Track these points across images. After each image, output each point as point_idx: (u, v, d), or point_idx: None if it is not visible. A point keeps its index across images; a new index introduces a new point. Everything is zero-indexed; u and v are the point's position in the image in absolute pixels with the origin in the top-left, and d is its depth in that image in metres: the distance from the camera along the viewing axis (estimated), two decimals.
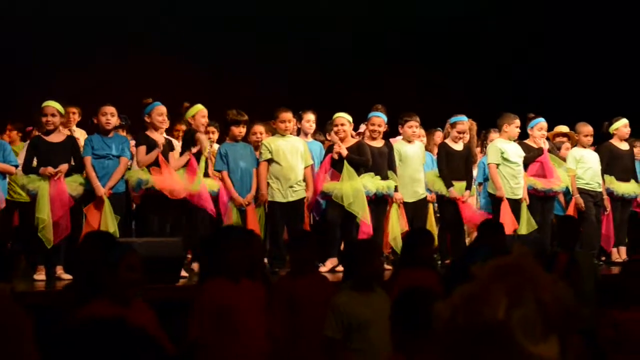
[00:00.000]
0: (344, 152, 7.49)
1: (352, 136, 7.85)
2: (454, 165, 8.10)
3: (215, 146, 7.66)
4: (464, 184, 8.09)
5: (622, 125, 8.82)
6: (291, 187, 7.49)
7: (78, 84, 9.65)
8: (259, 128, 7.94)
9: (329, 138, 8.31)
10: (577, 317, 1.48)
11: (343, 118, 7.70)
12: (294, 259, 4.83)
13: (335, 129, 7.71)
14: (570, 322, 1.46)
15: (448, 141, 8.22)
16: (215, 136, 8.23)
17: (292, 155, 7.54)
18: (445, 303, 1.50)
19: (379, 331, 4.02)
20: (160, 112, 7.17)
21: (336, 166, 7.56)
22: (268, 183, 7.51)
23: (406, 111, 8.20)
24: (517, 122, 8.23)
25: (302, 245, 4.85)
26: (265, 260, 6.81)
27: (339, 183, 7.46)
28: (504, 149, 8.12)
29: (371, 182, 7.57)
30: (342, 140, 7.62)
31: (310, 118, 8.25)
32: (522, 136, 8.48)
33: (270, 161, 7.53)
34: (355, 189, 7.42)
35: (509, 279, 1.46)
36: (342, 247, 7.47)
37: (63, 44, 10.14)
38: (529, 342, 1.41)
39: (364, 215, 7.41)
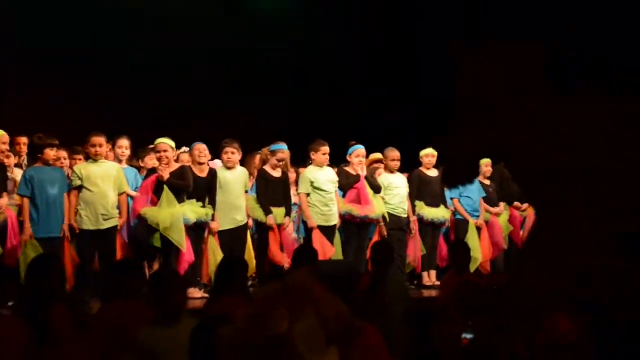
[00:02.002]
0: (165, 176, 7.35)
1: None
2: (273, 192, 8.15)
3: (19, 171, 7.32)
4: (283, 209, 8.16)
5: (424, 155, 9.22)
6: (102, 214, 7.26)
7: None
8: (62, 153, 7.69)
9: (142, 164, 8.13)
10: (354, 331, 1.56)
11: (165, 144, 7.55)
12: (118, 288, 4.62)
13: (157, 155, 7.54)
14: (349, 334, 1.57)
15: (267, 168, 8.27)
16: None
17: (103, 181, 7.33)
18: (228, 327, 1.57)
19: None
20: None
21: (156, 192, 7.40)
22: (77, 210, 7.25)
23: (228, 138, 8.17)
24: (324, 148, 8.36)
25: (128, 274, 4.69)
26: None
27: (157, 208, 7.30)
28: (313, 177, 8.27)
29: (191, 211, 7.48)
30: (166, 165, 7.47)
31: (123, 144, 8.07)
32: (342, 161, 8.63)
33: (80, 188, 7.27)
34: (173, 215, 7.29)
35: (289, 297, 1.55)
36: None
37: None
38: (312, 353, 1.51)
39: (181, 242, 7.29)
